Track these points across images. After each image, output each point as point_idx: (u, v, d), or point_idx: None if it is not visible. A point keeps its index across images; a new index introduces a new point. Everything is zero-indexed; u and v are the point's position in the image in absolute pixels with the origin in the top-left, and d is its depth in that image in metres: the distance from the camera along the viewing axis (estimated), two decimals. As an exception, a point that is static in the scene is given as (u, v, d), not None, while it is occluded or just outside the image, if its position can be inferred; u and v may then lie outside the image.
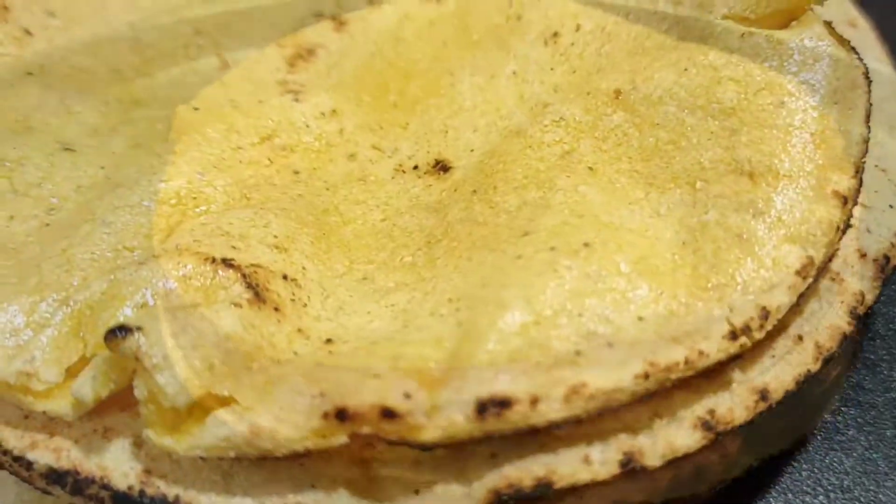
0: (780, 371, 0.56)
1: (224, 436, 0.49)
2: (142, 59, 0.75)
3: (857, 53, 0.61)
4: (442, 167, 0.68)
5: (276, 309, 0.55)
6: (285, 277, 0.58)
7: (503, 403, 0.49)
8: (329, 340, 0.55)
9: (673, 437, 0.54)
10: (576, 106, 0.65)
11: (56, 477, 0.53)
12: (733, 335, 0.53)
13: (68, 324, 0.54)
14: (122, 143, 0.67)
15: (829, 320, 0.59)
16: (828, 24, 0.62)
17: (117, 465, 0.53)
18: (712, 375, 0.55)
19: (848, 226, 0.58)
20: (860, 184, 0.58)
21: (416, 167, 0.69)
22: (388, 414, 0.49)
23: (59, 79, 0.71)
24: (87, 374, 0.52)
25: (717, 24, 0.63)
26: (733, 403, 0.55)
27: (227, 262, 0.56)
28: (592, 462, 0.52)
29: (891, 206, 0.64)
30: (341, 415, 0.49)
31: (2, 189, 0.63)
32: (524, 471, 0.51)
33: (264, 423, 0.49)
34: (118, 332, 0.49)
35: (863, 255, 0.61)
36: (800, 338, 0.57)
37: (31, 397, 0.53)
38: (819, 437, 0.68)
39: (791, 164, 0.57)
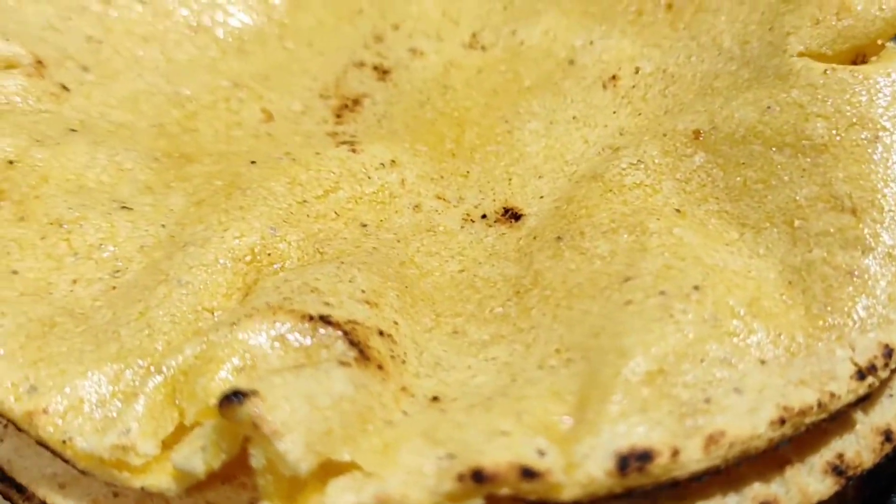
0: (900, 410, 0.55)
1: (349, 504, 0.46)
2: (183, 113, 0.72)
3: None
4: (512, 215, 0.66)
5: (380, 367, 0.52)
6: (381, 333, 0.55)
7: (644, 456, 0.47)
8: (436, 398, 0.53)
9: (805, 484, 0.52)
10: (652, 148, 0.64)
11: (158, 559, 0.49)
12: (860, 375, 0.52)
13: (162, 391, 0.51)
14: (180, 201, 0.63)
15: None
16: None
17: (224, 541, 0.49)
18: (837, 418, 0.53)
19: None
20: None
21: (484, 216, 0.66)
22: (528, 473, 0.46)
23: (103, 135, 0.67)
24: (193, 445, 0.48)
25: (793, 61, 0.62)
26: (860, 446, 0.53)
27: (325, 320, 0.53)
28: (729, 514, 0.50)
29: None
30: (478, 476, 0.46)
31: (61, 252, 0.59)
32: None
33: (392, 490, 0.46)
34: (234, 398, 0.46)
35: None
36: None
37: (126, 473, 0.49)
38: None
39: (895, 198, 0.56)
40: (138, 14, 0.77)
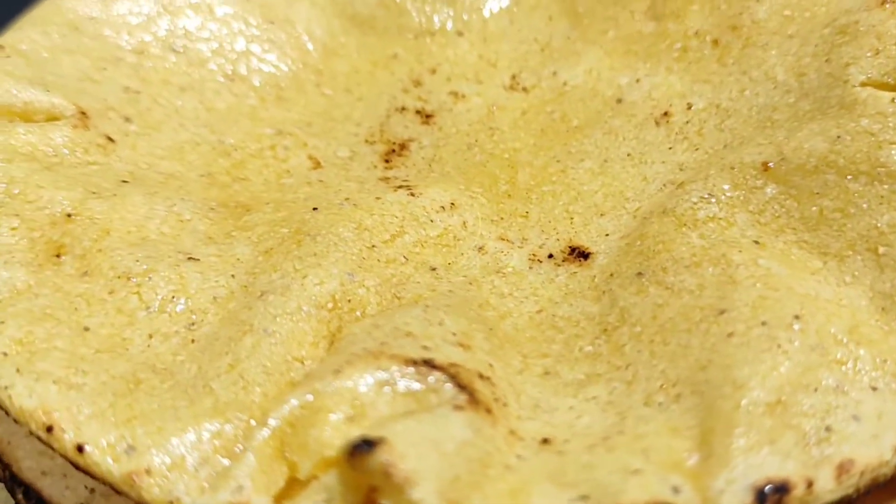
0: None
1: (479, 553, 0.44)
2: (231, 162, 0.71)
3: None
4: (579, 254, 0.65)
5: (488, 411, 0.51)
6: (481, 377, 0.53)
7: (781, 489, 0.46)
8: (546, 440, 0.51)
9: (925, 511, 0.51)
10: (721, 181, 0.64)
11: None
12: (972, 395, 0.51)
13: (270, 445, 0.48)
14: (246, 250, 0.62)
15: None
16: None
17: None
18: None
19: None
20: None
21: (550, 256, 0.65)
22: (668, 512, 0.45)
23: (155, 186, 0.65)
24: (314, 499, 0.46)
25: (857, 91, 0.63)
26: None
27: (430, 364, 0.51)
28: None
29: None
30: (615, 518, 0.44)
31: (132, 306, 0.57)
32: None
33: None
34: (363, 446, 0.44)
35: None
36: None
37: (241, 533, 0.46)
38: None
39: (983, 219, 0.57)
40: (173, 64, 0.75)
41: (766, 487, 0.46)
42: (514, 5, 0.83)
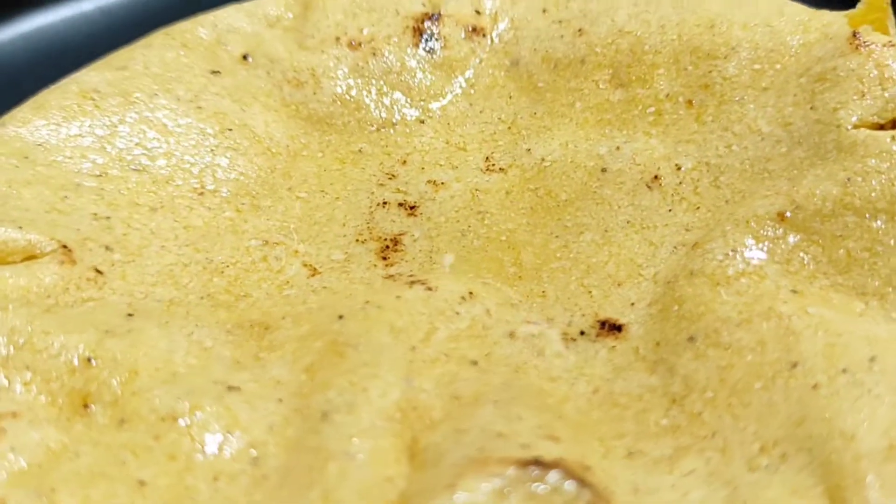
0: None
1: None
2: (226, 280, 0.66)
3: None
4: (611, 327, 0.64)
5: (608, 502, 0.48)
6: (584, 468, 0.51)
7: (931, 533, 0.45)
8: (666, 525, 0.49)
9: None
10: (740, 236, 0.64)
11: None
12: None
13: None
14: (283, 371, 0.58)
15: None
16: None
17: None
18: None
19: None
20: None
21: (582, 332, 0.64)
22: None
23: (161, 315, 0.60)
24: None
25: (853, 133, 0.65)
26: None
27: (539, 463, 0.48)
28: None
29: None
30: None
31: (186, 450, 0.52)
32: None
33: None
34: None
35: None
36: None
37: None
38: None
39: None
40: (136, 184, 0.71)
41: (919, 534, 0.45)
42: (471, 87, 0.82)
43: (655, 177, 0.72)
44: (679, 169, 0.72)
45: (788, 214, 0.63)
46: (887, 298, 0.59)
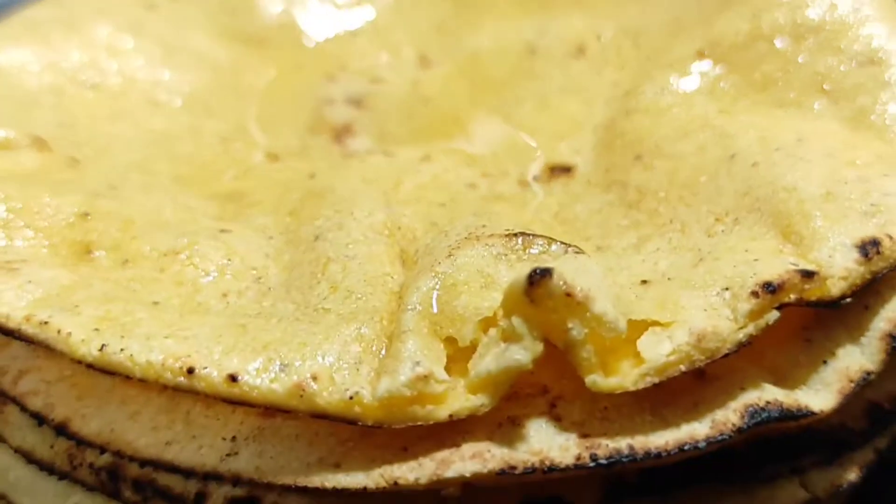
0: None
1: (668, 351, 0.46)
2: (195, 167, 0.70)
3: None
4: (562, 170, 0.69)
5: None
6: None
7: (874, 243, 0.51)
8: (645, 282, 0.54)
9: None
10: (667, 76, 0.70)
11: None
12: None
13: (424, 325, 0.48)
14: (268, 219, 0.62)
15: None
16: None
17: (550, 443, 0.47)
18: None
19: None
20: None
21: (535, 178, 0.69)
22: (807, 274, 0.49)
23: (143, 188, 0.63)
24: (492, 349, 0.46)
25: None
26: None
27: (526, 234, 0.53)
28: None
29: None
30: (769, 287, 0.48)
31: (191, 276, 0.55)
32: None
33: (702, 326, 0.47)
34: (539, 274, 0.45)
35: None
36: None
37: (430, 406, 0.45)
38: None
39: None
40: (93, 99, 0.73)
41: (865, 243, 0.51)
42: (396, 2, 0.87)
43: (580, 47, 0.78)
44: (600, 38, 0.78)
45: (706, 52, 0.70)
46: (803, 105, 0.66)
